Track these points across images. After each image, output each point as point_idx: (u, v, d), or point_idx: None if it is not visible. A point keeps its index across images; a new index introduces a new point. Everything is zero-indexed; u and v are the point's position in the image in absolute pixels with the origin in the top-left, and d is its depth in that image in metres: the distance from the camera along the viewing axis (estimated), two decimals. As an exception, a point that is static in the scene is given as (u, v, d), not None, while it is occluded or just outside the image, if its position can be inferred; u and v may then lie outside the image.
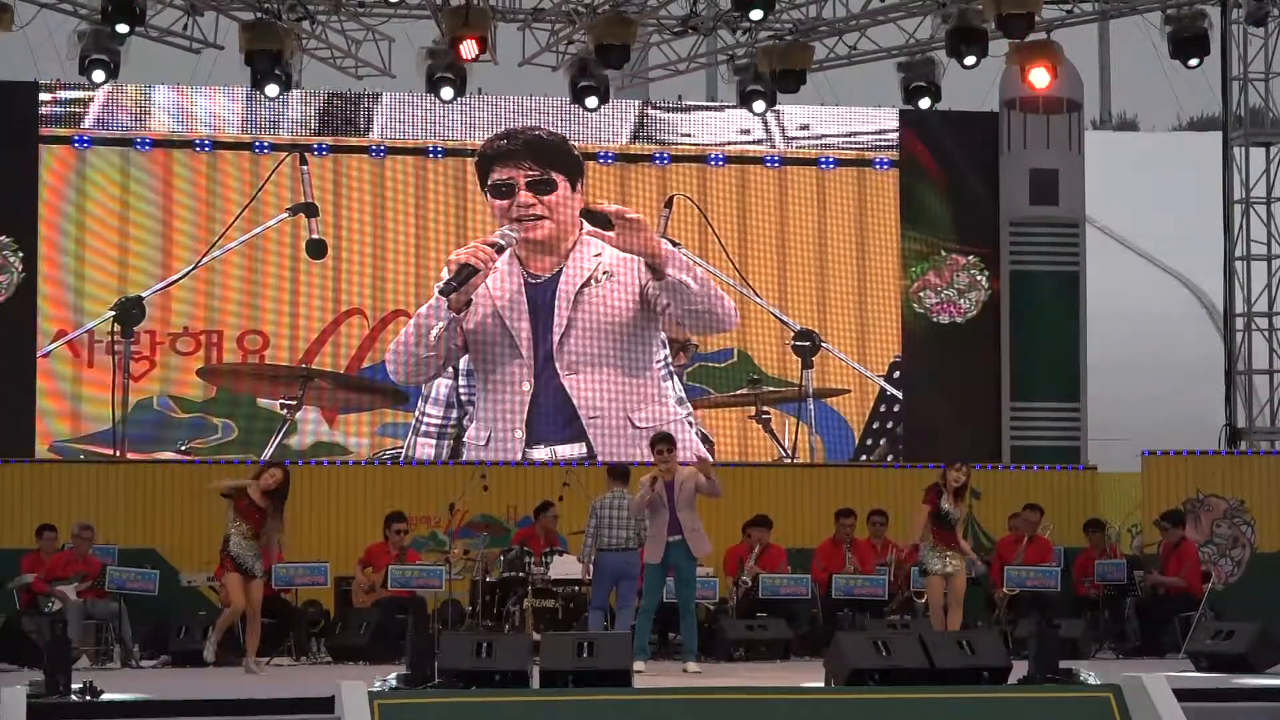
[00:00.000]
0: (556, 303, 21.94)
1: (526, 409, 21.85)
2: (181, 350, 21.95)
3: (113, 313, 21.67)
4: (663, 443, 15.50)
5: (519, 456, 21.54)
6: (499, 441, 21.74)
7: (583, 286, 21.97)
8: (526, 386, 21.86)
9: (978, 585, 18.62)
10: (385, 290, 22.30)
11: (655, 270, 21.62)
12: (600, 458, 21.18)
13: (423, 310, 21.90)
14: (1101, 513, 19.90)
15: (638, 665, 14.61)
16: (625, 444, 21.60)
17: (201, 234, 22.06)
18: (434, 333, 21.63)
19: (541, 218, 22.04)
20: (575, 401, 21.85)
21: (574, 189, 22.32)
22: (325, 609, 18.19)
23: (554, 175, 22.23)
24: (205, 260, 22.02)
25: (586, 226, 22.19)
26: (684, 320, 22.02)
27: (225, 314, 22.06)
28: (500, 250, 21.63)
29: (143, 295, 21.84)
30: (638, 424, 21.57)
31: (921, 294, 22.82)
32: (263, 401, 22.01)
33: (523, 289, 21.97)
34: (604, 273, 22.00)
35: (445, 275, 21.74)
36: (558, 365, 21.85)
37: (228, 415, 21.93)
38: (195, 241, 22.04)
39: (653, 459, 15.55)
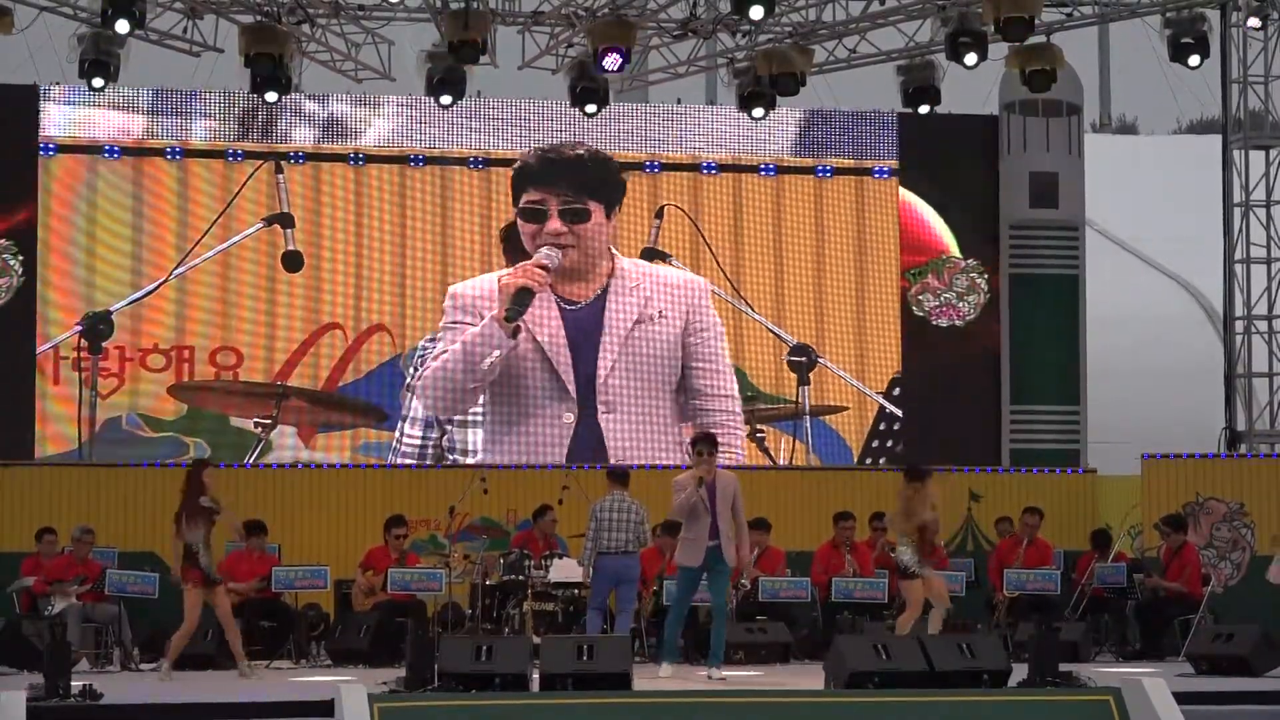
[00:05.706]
0: (605, 337, 21.50)
1: (569, 440, 21.42)
2: (152, 367, 21.49)
3: (80, 328, 21.29)
4: (704, 443, 14.76)
5: None
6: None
7: (635, 324, 21.58)
8: (569, 417, 21.45)
9: (977, 588, 18.65)
10: (365, 304, 21.82)
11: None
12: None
13: (470, 337, 21.25)
14: (1102, 516, 19.88)
15: (665, 670, 14.48)
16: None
17: (173, 246, 21.62)
18: (489, 361, 21.10)
19: (569, 246, 21.66)
20: (607, 441, 21.36)
21: (609, 216, 21.91)
22: (325, 612, 18.16)
23: (589, 204, 21.81)
24: (176, 273, 21.56)
25: (618, 255, 21.91)
26: None
27: (197, 329, 21.57)
28: (548, 271, 21.32)
29: (110, 310, 21.40)
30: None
31: (921, 297, 22.80)
32: (236, 420, 21.52)
33: (560, 316, 21.57)
34: (659, 313, 21.64)
35: (483, 298, 21.35)
36: (598, 402, 21.38)
37: (200, 434, 21.41)
38: (165, 258, 21.57)
39: (691, 459, 14.98)
